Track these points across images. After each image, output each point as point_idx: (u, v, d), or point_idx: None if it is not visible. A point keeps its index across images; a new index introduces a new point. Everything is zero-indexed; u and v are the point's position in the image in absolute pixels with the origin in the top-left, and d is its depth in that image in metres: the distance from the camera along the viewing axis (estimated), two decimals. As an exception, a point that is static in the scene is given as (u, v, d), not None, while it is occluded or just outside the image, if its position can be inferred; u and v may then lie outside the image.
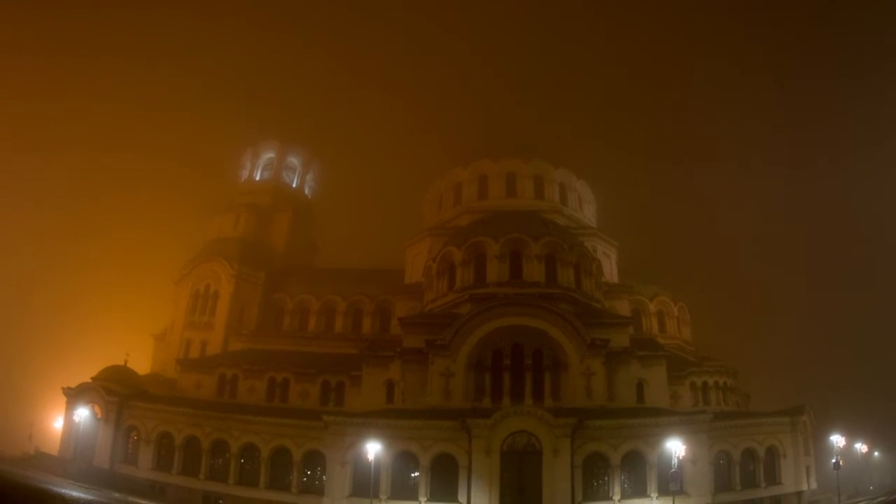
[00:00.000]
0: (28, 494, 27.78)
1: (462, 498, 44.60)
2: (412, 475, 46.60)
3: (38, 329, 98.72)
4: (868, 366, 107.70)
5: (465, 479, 45.04)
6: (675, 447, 42.80)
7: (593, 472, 46.16)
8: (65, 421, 57.93)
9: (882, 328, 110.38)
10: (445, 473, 45.85)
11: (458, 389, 51.59)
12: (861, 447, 73.04)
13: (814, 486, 54.05)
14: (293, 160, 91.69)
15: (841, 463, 53.40)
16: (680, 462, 43.16)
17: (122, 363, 62.93)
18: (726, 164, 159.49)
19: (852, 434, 67.93)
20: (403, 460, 46.75)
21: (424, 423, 47.51)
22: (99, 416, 55.72)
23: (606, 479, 45.88)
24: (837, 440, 55.11)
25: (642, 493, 45.64)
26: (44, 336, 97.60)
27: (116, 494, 43.76)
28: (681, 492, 43.79)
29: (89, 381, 58.57)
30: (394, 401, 53.63)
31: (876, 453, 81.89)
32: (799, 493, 51.00)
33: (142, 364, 71.30)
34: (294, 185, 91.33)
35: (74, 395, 57.06)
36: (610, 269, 70.61)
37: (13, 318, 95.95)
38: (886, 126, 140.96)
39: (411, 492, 45.95)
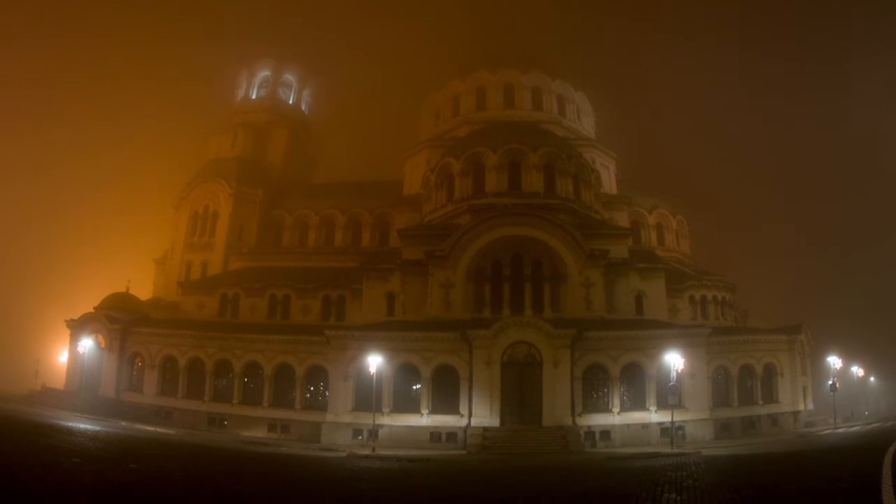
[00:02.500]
0: (36, 431, 27.91)
1: (463, 410, 45.12)
2: (414, 388, 47.07)
3: (38, 261, 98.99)
4: (866, 290, 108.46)
5: (466, 391, 45.47)
6: (674, 360, 42.64)
7: (593, 383, 46.56)
8: (69, 354, 57.66)
9: (883, 256, 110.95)
10: (447, 386, 46.26)
11: (458, 301, 51.72)
12: (858, 371, 73.59)
13: (811, 406, 54.58)
14: (289, 77, 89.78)
15: (837, 385, 53.61)
16: (678, 376, 43.20)
17: (123, 290, 62.52)
18: (726, 74, 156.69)
19: (849, 358, 68.43)
20: (405, 373, 47.09)
21: (425, 334, 47.62)
22: (103, 345, 55.36)
23: (606, 391, 46.30)
24: (834, 362, 55.28)
25: (641, 406, 46.07)
26: (43, 268, 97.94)
27: (123, 423, 44.04)
28: (679, 405, 44.03)
29: (92, 310, 58.14)
30: (394, 313, 53.82)
31: (872, 378, 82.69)
32: (795, 413, 51.39)
33: (144, 289, 71.37)
34: (290, 102, 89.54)
35: (78, 327, 56.65)
36: (609, 181, 69.91)
37: (13, 250, 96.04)
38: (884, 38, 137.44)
39: (413, 404, 46.46)
